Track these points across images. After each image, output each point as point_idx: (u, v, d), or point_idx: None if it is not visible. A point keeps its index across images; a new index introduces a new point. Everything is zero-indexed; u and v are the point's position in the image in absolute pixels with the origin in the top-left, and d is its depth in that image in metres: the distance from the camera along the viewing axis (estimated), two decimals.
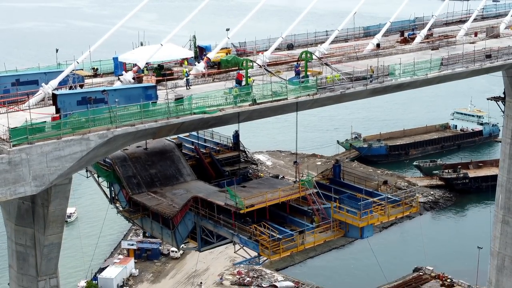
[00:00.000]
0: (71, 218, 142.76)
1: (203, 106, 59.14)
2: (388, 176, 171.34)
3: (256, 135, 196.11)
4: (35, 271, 62.12)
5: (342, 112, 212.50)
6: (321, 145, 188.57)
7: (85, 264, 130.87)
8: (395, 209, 65.29)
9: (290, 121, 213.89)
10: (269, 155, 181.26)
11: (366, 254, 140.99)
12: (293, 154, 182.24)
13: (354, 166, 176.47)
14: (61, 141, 52.92)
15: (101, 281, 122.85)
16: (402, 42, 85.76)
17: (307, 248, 62.66)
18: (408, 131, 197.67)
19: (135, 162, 73.95)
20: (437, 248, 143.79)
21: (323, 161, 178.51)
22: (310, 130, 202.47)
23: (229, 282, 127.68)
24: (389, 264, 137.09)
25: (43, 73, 64.74)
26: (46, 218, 59.56)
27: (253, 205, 60.01)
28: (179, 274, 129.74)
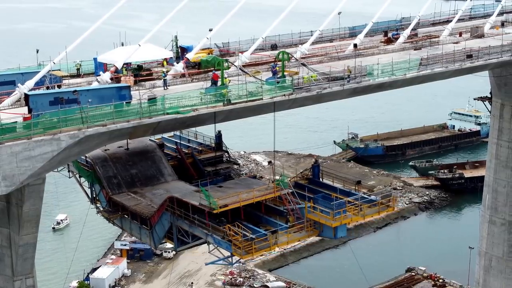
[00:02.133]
0: (60, 225, 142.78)
1: (177, 107, 59.22)
2: (384, 177, 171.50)
3: (252, 135, 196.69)
4: (11, 271, 62.19)
5: (339, 112, 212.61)
6: (317, 146, 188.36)
7: (78, 265, 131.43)
8: (370, 209, 65.28)
9: (286, 122, 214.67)
10: (265, 156, 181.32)
11: (359, 255, 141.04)
12: (290, 155, 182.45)
13: (350, 167, 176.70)
14: (32, 141, 53.05)
15: (93, 281, 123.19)
16: (386, 42, 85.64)
17: (284, 248, 62.48)
18: (405, 131, 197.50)
19: (116, 162, 74.00)
20: (430, 248, 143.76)
21: (320, 161, 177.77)
22: (307, 131, 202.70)
23: (221, 283, 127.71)
24: (382, 264, 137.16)
25: (20, 74, 64.91)
26: (20, 218, 59.67)
27: (227, 205, 60.07)
28: (171, 274, 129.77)
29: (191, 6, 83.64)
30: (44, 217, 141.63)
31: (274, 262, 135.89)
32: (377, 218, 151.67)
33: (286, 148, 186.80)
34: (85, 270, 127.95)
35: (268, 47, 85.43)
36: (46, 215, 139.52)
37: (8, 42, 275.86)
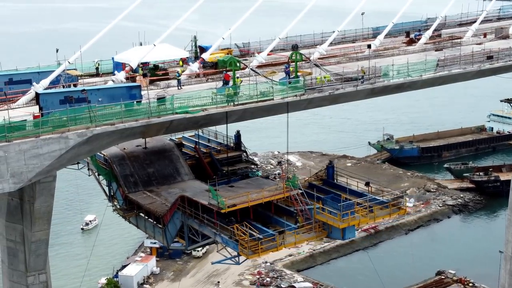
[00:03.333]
0: (89, 226, 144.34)
1: (186, 106, 59.58)
2: (418, 178, 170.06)
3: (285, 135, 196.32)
4: (24, 266, 63.34)
5: (375, 114, 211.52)
6: (352, 147, 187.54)
7: (108, 263, 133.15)
8: (381, 211, 64.90)
9: (321, 123, 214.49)
10: (299, 156, 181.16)
11: (390, 256, 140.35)
12: (324, 155, 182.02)
13: (384, 168, 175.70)
14: (40, 139, 53.89)
15: (121, 278, 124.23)
16: (408, 43, 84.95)
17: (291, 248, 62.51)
18: (442, 133, 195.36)
19: (133, 161, 74.76)
20: (462, 251, 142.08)
21: (354, 162, 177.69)
22: (342, 132, 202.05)
23: (248, 282, 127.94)
24: (412, 267, 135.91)
25: (36, 73, 65.93)
26: (32, 215, 60.72)
27: (235, 205, 60.32)
28: (199, 273, 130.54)
29: (233, 7, 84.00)
30: (72, 218, 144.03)
31: (302, 263, 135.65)
32: (409, 220, 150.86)
33: (320, 148, 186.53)
34: (115, 267, 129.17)
35: (289, 48, 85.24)
36: (75, 216, 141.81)
37: (52, 41, 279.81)
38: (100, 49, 70.82)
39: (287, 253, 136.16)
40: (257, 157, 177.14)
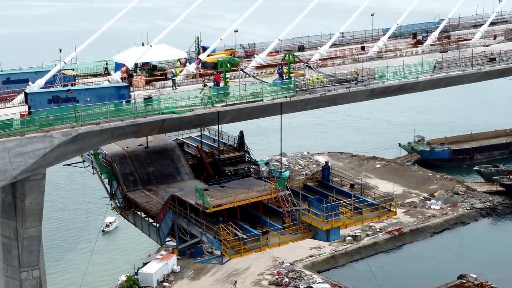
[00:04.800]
0: (109, 228, 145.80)
1: (172, 107, 60.23)
2: (447, 181, 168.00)
3: (317, 136, 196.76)
4: (18, 262, 64.73)
5: (407, 115, 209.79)
6: (383, 148, 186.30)
7: (130, 261, 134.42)
8: (371, 213, 64.77)
9: (352, 124, 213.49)
10: (328, 157, 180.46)
11: (413, 259, 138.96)
12: (354, 156, 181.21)
13: (413, 170, 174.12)
14: (24, 138, 55.22)
15: (141, 276, 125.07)
16: (415, 44, 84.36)
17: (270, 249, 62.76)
18: (475, 135, 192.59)
19: (134, 160, 75.87)
20: (488, 255, 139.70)
21: (383, 164, 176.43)
22: (373, 133, 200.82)
23: (267, 282, 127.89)
24: (435, 270, 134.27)
25: (34, 72, 67.31)
26: (23, 211, 62.03)
27: (221, 205, 60.81)
28: (219, 272, 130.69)
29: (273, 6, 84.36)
30: (92, 220, 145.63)
31: (323, 264, 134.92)
32: (434, 223, 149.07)
33: (350, 149, 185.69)
34: (136, 265, 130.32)
35: (295, 49, 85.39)
36: (95, 218, 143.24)
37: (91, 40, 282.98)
38: None
39: (308, 253, 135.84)
40: (285, 158, 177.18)
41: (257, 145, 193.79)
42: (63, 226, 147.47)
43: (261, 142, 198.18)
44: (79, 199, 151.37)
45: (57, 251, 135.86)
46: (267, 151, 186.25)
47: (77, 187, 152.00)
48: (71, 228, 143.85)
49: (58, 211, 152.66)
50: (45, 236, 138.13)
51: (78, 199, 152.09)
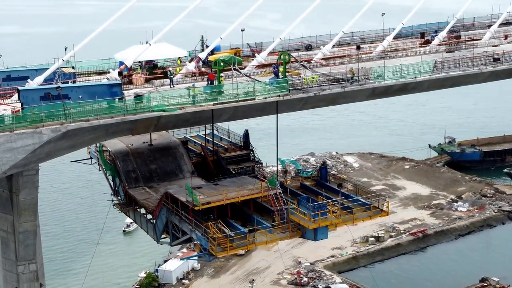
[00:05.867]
0: (130, 228, 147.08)
1: (163, 105, 60.82)
2: (476, 183, 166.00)
3: (348, 136, 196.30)
4: (15, 256, 65.98)
5: (438, 116, 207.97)
6: (412, 149, 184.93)
7: (151, 258, 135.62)
8: (363, 213, 64.57)
9: (382, 125, 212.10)
10: (357, 157, 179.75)
11: (436, 261, 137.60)
12: (383, 157, 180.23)
13: (442, 171, 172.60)
14: (13, 134, 56.23)
15: (161, 273, 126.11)
16: (423, 44, 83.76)
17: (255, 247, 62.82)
18: (508, 136, 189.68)
19: (137, 157, 76.71)
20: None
21: (412, 165, 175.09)
22: (403, 134, 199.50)
23: (286, 282, 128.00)
24: (458, 273, 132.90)
25: (34, 70, 68.52)
26: (18, 206, 63.28)
27: (210, 203, 61.24)
28: (239, 270, 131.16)
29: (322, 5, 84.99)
30: (114, 221, 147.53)
31: (345, 264, 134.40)
32: (460, 225, 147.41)
33: (380, 150, 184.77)
34: (156, 262, 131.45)
35: (303, 48, 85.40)
36: (117, 219, 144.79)
37: (130, 40, 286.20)
38: None
39: (329, 254, 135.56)
40: (313, 157, 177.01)
41: (286, 145, 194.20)
42: (79, 223, 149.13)
43: (290, 142, 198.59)
44: (88, 196, 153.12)
45: (78, 248, 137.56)
46: (296, 151, 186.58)
47: (87, 184, 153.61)
48: (91, 228, 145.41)
49: (70, 206, 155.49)
50: (62, 232, 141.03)
51: (88, 196, 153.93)
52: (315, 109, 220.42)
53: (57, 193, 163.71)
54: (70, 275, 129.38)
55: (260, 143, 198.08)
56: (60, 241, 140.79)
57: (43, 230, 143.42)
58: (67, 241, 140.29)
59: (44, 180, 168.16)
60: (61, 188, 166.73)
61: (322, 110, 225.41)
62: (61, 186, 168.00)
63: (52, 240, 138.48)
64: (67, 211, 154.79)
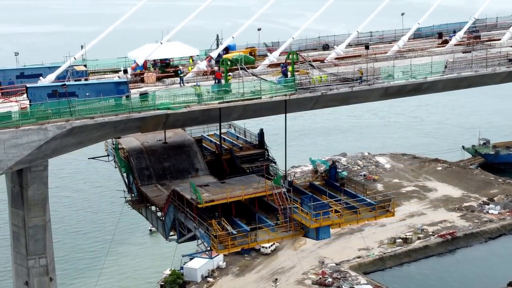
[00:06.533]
0: None
1: (168, 103, 61.33)
2: (509, 185, 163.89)
3: (381, 137, 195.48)
4: (25, 250, 67.12)
5: (473, 117, 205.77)
6: (446, 151, 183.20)
7: (178, 256, 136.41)
8: (368, 213, 64.34)
9: (415, 126, 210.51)
10: (390, 158, 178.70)
11: (464, 264, 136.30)
12: (416, 158, 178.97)
13: (475, 173, 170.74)
14: (19, 130, 57.27)
15: (186, 270, 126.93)
16: (441, 44, 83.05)
17: None
18: None
19: (151, 155, 77.45)
20: None
21: (444, 166, 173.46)
22: (437, 135, 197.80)
23: (311, 282, 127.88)
24: (486, 276, 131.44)
25: (47, 68, 69.62)
26: (27, 201, 64.41)
27: (213, 201, 61.61)
28: (264, 269, 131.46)
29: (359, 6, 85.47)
30: (142, 220, 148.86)
31: (371, 266, 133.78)
32: (490, 228, 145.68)
33: (413, 151, 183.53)
34: (182, 259, 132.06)
35: (320, 47, 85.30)
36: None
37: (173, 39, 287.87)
38: None
39: (355, 254, 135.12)
40: (345, 158, 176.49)
41: (318, 145, 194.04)
42: (101, 221, 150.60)
43: (323, 142, 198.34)
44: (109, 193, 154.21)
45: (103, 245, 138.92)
46: (328, 151, 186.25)
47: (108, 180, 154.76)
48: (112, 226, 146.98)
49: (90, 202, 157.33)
50: (87, 230, 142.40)
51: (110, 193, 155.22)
52: (351, 110, 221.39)
53: (82, 190, 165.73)
54: (96, 269, 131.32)
55: (293, 143, 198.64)
56: (89, 237, 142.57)
57: (67, 226, 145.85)
58: (95, 237, 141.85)
59: (67, 176, 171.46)
60: (87, 185, 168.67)
61: (358, 111, 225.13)
62: (88, 182, 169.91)
63: (79, 236, 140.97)
64: (88, 207, 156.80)
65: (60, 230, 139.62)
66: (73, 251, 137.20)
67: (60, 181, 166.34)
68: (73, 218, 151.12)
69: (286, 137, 71.73)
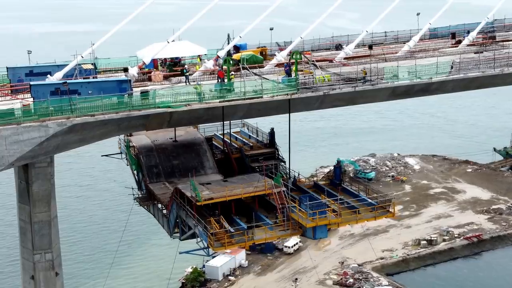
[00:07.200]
0: None
1: (168, 101, 61.89)
2: None
3: (413, 138, 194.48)
4: (31, 245, 68.24)
5: (507, 119, 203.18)
6: (477, 152, 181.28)
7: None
8: (368, 213, 64.20)
9: (447, 128, 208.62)
10: (420, 159, 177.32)
11: (489, 267, 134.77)
12: (446, 160, 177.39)
13: (505, 175, 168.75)
14: (20, 127, 58.30)
15: (207, 268, 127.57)
16: (455, 44, 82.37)
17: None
18: None
19: (160, 153, 78.27)
20: None
21: (474, 168, 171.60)
22: (469, 136, 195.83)
23: (332, 282, 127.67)
24: (510, 280, 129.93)
25: (56, 66, 70.71)
26: (32, 197, 65.52)
27: (213, 199, 62.06)
28: (286, 269, 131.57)
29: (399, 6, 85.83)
30: None
31: (394, 267, 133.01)
32: None
33: (444, 152, 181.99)
34: (205, 258, 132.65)
35: (333, 47, 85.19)
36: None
37: (211, 38, 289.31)
38: None
39: (378, 255, 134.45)
40: (374, 158, 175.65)
41: (348, 146, 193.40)
42: None
43: (353, 142, 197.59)
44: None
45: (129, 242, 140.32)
46: (357, 151, 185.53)
47: None
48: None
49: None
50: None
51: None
52: (384, 111, 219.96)
53: (95, 187, 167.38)
54: (120, 265, 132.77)
55: (324, 143, 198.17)
56: (101, 235, 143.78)
57: (79, 222, 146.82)
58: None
59: (80, 173, 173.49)
60: (100, 182, 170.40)
61: (390, 112, 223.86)
62: (102, 179, 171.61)
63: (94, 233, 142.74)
64: (102, 203, 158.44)
65: (72, 226, 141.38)
66: (95, 247, 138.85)
67: (73, 178, 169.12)
68: (85, 214, 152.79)
69: (290, 136, 71.74)
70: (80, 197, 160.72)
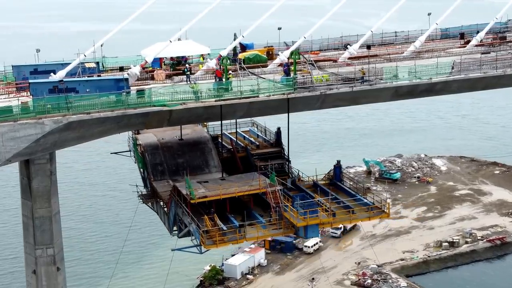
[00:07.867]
0: None
1: (163, 100, 62.43)
2: None
3: (441, 139, 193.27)
4: (33, 240, 69.34)
5: None
6: (505, 154, 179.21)
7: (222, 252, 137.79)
8: (363, 213, 64.06)
9: (477, 130, 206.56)
10: (447, 160, 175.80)
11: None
12: (473, 161, 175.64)
13: None
14: (17, 124, 59.35)
15: (226, 267, 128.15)
16: (464, 44, 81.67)
17: None
18: None
19: (166, 151, 78.90)
20: None
21: (502, 170, 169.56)
22: (499, 138, 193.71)
23: (350, 282, 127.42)
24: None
25: (60, 64, 71.73)
26: (32, 193, 66.63)
27: (207, 197, 62.50)
28: (305, 269, 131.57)
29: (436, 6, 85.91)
30: None
31: (414, 268, 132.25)
32: None
33: (472, 154, 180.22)
34: (224, 256, 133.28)
35: (342, 47, 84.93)
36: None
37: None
38: None
39: (399, 257, 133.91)
40: (400, 159, 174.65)
41: (375, 146, 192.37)
42: None
43: (380, 143, 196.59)
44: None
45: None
46: (384, 152, 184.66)
47: None
48: None
49: None
50: None
51: None
52: (413, 112, 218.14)
53: (103, 184, 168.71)
54: (139, 261, 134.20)
55: (351, 144, 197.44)
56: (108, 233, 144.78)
57: (88, 218, 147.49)
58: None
59: (89, 170, 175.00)
60: (109, 179, 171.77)
61: (419, 113, 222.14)
62: (110, 176, 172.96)
63: None
64: (112, 200, 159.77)
65: (77, 222, 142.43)
66: (101, 245, 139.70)
67: (82, 175, 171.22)
68: (91, 210, 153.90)
69: (289, 135, 71.78)
70: (87, 194, 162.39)
